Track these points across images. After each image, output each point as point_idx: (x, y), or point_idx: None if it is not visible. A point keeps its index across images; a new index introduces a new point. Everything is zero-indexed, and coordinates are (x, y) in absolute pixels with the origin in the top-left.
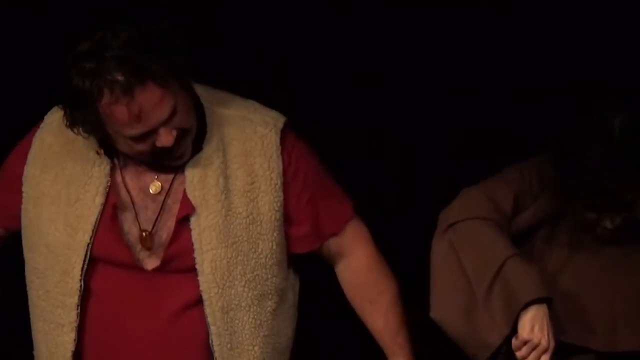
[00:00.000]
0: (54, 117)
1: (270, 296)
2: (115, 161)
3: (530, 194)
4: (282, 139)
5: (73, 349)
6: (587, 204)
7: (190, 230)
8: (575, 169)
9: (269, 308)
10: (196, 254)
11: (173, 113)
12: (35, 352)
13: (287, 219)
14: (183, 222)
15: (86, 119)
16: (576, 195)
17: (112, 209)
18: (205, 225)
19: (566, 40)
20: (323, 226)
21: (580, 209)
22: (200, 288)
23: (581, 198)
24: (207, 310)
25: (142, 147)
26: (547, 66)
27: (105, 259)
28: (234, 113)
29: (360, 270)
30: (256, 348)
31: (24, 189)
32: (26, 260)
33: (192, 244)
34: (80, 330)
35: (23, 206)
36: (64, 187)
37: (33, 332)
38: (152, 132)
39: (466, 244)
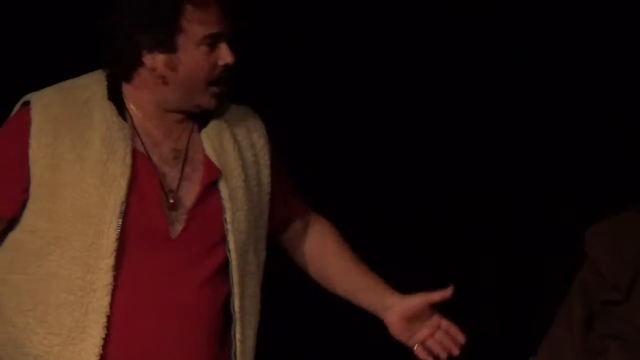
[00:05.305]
0: (44, 96)
1: (259, 271)
2: (135, 129)
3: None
4: None
5: (109, 312)
6: None
7: (217, 192)
8: None
9: (258, 284)
10: (227, 215)
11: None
12: (44, 330)
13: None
14: (208, 186)
15: (157, 38)
16: None
17: (139, 171)
18: (233, 187)
19: None
20: (291, 211)
21: None
22: (229, 247)
23: None
24: (234, 270)
25: (205, 61)
26: None
27: (136, 221)
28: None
29: (334, 229)
30: (252, 319)
31: (32, 162)
32: (40, 234)
33: (219, 207)
34: (113, 296)
35: (36, 180)
36: (85, 149)
37: (44, 308)
38: (220, 41)
39: None
